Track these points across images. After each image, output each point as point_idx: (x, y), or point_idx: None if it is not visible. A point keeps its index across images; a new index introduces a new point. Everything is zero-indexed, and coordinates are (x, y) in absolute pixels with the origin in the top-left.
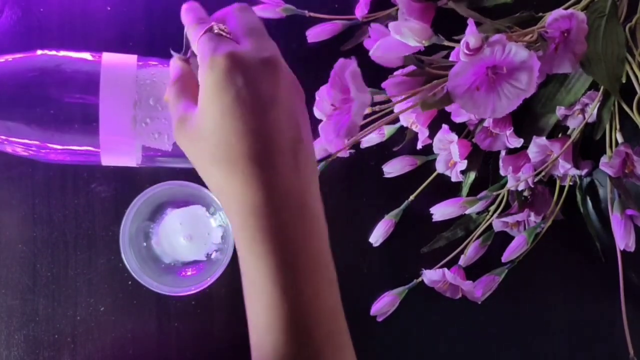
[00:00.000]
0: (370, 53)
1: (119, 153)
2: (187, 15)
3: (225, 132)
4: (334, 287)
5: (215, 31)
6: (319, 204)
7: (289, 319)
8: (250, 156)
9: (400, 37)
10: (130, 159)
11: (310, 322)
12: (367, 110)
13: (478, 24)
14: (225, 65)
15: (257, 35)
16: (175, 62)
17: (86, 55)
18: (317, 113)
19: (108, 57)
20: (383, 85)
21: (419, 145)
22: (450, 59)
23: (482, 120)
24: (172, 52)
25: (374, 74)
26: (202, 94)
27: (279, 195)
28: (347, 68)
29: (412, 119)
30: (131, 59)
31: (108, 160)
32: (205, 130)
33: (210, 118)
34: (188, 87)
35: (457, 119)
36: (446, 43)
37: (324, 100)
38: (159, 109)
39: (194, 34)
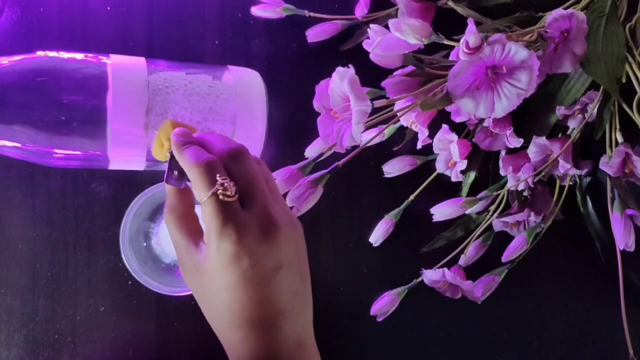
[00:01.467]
0: (370, 51)
1: (128, 160)
2: (183, 154)
3: (230, 300)
4: None
5: (221, 197)
6: (313, 340)
7: None
8: (253, 322)
9: (400, 34)
10: (139, 165)
11: None
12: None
13: (478, 24)
14: (232, 253)
15: (257, 197)
16: (168, 187)
17: (90, 57)
18: (316, 105)
19: (117, 61)
20: (383, 84)
21: (419, 145)
22: (450, 58)
23: (482, 120)
24: (165, 184)
25: (374, 74)
26: (209, 265)
27: (277, 350)
28: (345, 77)
29: (412, 119)
30: (141, 63)
31: (116, 165)
32: (207, 293)
33: (216, 286)
34: (184, 218)
35: (457, 119)
36: (446, 42)
37: (323, 94)
38: (170, 112)
39: (196, 183)
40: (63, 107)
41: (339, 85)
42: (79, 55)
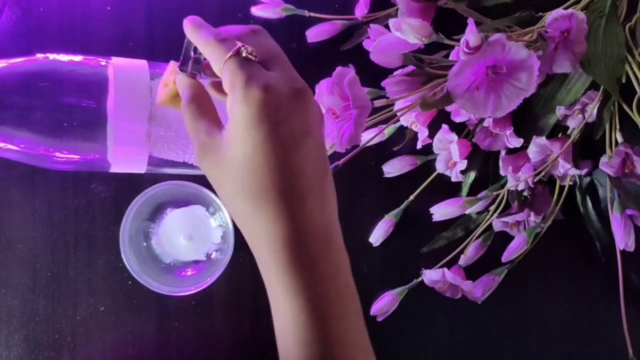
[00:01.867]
0: (370, 50)
1: (129, 164)
2: (199, 31)
3: (256, 166)
4: (361, 318)
5: (244, 55)
6: (340, 235)
7: (323, 356)
8: (281, 190)
9: (400, 34)
10: (140, 168)
11: (344, 357)
12: None
13: (478, 24)
14: (260, 101)
15: (282, 63)
16: (184, 80)
17: (91, 60)
18: None
19: (119, 66)
20: (383, 84)
21: (419, 145)
22: (450, 58)
23: (481, 120)
24: (177, 69)
25: (374, 74)
26: (233, 126)
27: (308, 229)
28: (345, 76)
29: (411, 119)
30: (143, 67)
31: (117, 169)
32: (233, 161)
33: (241, 150)
34: (204, 107)
35: (457, 119)
36: (446, 42)
37: (324, 94)
38: (172, 121)
39: (216, 54)
40: (63, 110)
41: (340, 84)
42: (78, 58)
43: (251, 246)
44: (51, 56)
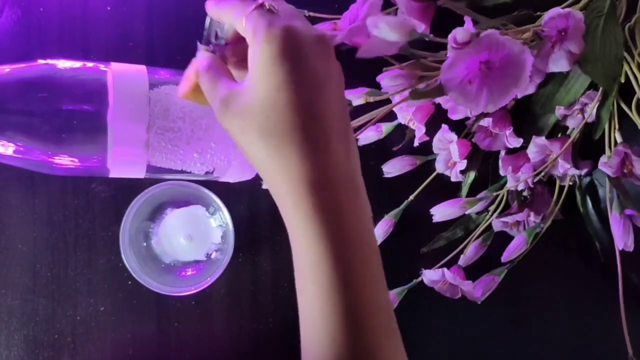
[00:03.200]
0: (357, 55)
1: (128, 171)
2: (220, 2)
3: (280, 105)
4: (382, 273)
5: (267, 7)
6: (363, 185)
7: (348, 307)
8: (306, 131)
9: (377, 33)
10: (139, 174)
11: (368, 311)
12: (363, 101)
13: (475, 22)
14: (283, 38)
15: (302, 19)
16: (203, 54)
17: (91, 66)
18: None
19: (118, 72)
20: (378, 78)
21: (416, 143)
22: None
23: (478, 117)
24: (198, 44)
25: (374, 74)
26: (256, 67)
27: (334, 174)
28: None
29: (409, 116)
30: (142, 75)
31: (116, 174)
32: (256, 104)
33: (264, 91)
34: (221, 72)
35: (454, 117)
36: (434, 40)
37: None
38: (171, 129)
39: (239, 10)
40: (63, 117)
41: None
42: (78, 64)
43: (272, 193)
44: (52, 62)
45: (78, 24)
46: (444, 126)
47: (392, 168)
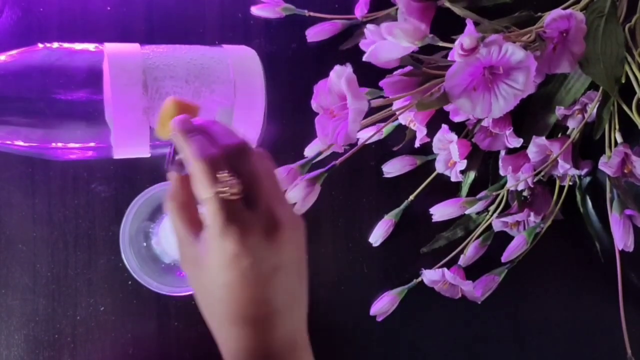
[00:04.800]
0: (364, 58)
1: (132, 146)
2: (189, 145)
3: (227, 297)
4: None
5: (224, 196)
6: (306, 339)
7: None
8: (248, 320)
9: (392, 38)
10: (143, 150)
11: None
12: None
13: (476, 24)
14: (233, 251)
15: (266, 192)
16: (171, 175)
17: (89, 47)
18: (314, 105)
19: (111, 50)
20: (381, 84)
21: (417, 144)
22: (449, 58)
23: (480, 119)
24: (167, 169)
25: (374, 74)
26: (209, 256)
27: (272, 348)
28: (342, 75)
29: (410, 117)
30: (135, 48)
31: (120, 154)
32: (208, 282)
33: (214, 280)
34: (185, 208)
35: (456, 119)
36: (441, 44)
37: (322, 94)
38: (167, 87)
39: (201, 181)
40: (63, 99)
41: (337, 83)
42: (80, 46)
43: (221, 351)
44: (51, 45)
45: (78, 24)
46: (444, 126)
47: (392, 168)
